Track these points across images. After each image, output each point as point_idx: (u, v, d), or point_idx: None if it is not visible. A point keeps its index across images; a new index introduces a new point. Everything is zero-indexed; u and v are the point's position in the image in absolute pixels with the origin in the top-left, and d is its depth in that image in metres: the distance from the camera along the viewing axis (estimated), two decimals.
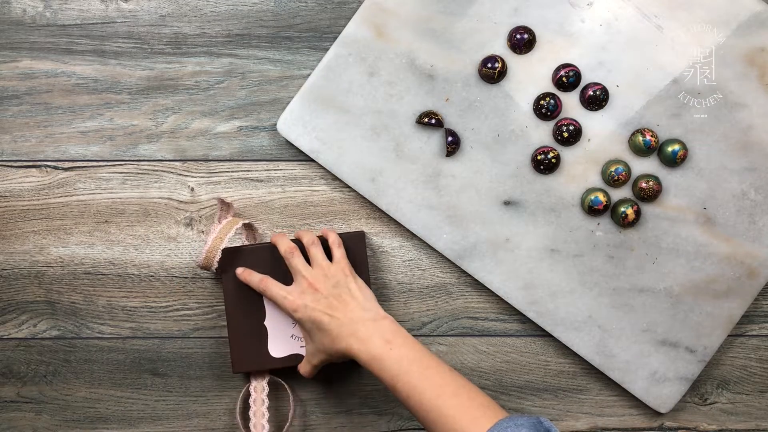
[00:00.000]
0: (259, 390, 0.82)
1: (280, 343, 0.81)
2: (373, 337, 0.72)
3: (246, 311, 0.80)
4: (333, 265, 0.77)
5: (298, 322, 0.77)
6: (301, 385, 0.86)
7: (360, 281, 0.78)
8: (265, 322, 0.81)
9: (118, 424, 0.86)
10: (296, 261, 0.77)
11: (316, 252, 0.78)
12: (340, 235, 0.81)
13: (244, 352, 0.80)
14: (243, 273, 0.80)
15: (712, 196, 0.81)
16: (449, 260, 0.84)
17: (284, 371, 0.83)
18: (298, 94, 0.82)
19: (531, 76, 0.81)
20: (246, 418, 0.83)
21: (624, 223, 0.81)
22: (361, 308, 0.75)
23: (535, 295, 0.83)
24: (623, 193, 0.82)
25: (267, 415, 0.81)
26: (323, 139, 0.82)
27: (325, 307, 0.75)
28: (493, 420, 0.65)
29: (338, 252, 0.78)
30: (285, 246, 0.78)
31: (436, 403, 0.68)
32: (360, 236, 0.81)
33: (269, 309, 0.81)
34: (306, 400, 0.86)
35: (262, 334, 0.81)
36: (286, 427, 0.84)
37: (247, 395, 0.83)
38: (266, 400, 0.82)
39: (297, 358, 0.81)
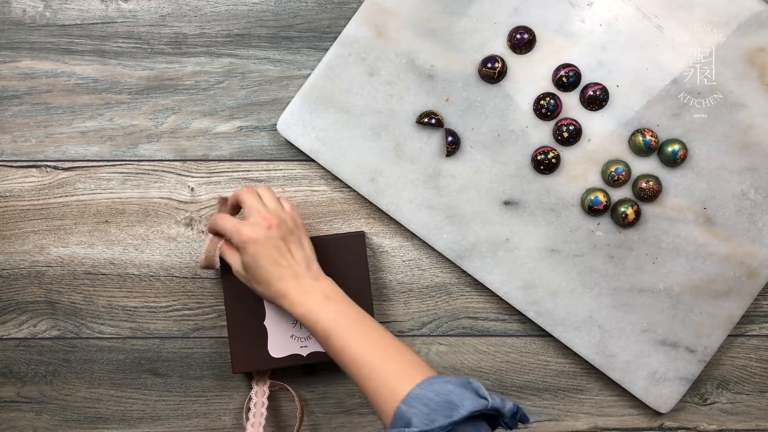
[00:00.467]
0: (260, 395, 0.82)
1: (280, 343, 0.81)
2: (314, 292, 0.72)
3: (246, 311, 0.80)
4: (287, 212, 0.76)
5: (244, 256, 0.74)
6: (301, 385, 0.86)
7: (308, 239, 0.77)
8: (265, 323, 0.81)
9: (118, 424, 0.86)
10: (251, 198, 0.75)
11: (270, 195, 0.77)
12: (340, 235, 0.81)
13: (244, 352, 0.80)
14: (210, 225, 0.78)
15: (712, 196, 0.81)
16: (449, 260, 0.84)
17: (286, 371, 0.83)
18: (298, 94, 0.82)
19: (531, 76, 0.81)
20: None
21: (624, 223, 0.81)
22: (306, 264, 0.74)
23: (535, 295, 0.83)
24: (623, 193, 0.82)
25: (263, 422, 0.81)
26: (323, 139, 0.82)
27: (274, 248, 0.73)
28: (423, 377, 0.65)
29: (287, 204, 0.77)
30: (241, 189, 0.77)
31: (368, 358, 0.68)
32: (360, 236, 0.81)
33: (269, 309, 0.81)
34: (306, 400, 0.86)
35: (262, 335, 0.81)
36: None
37: (250, 399, 0.83)
38: (266, 402, 0.82)
39: (297, 358, 0.81)
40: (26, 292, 0.85)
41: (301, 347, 0.81)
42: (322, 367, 0.86)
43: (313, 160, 0.83)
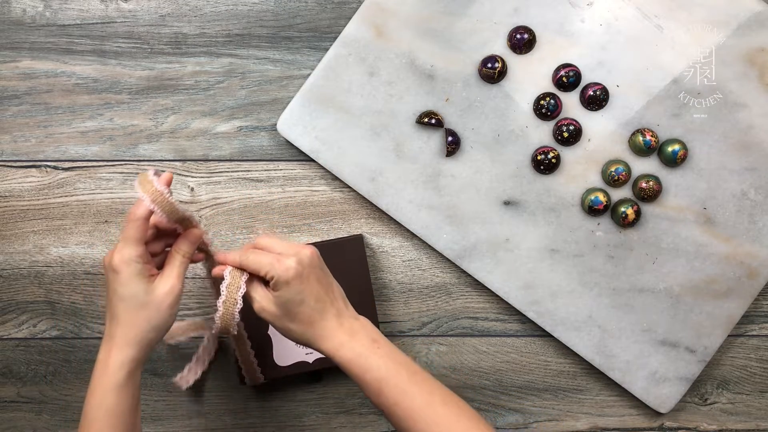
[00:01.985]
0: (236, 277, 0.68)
1: (285, 351, 0.81)
2: (359, 333, 0.66)
3: (249, 323, 0.80)
4: (309, 248, 0.67)
5: (285, 292, 0.64)
6: (301, 385, 0.86)
7: None
8: (269, 332, 0.81)
9: None
10: (269, 238, 0.67)
11: (280, 240, 0.68)
12: (338, 240, 0.81)
13: (251, 364, 0.80)
14: (221, 261, 0.68)
15: (712, 196, 0.81)
16: (449, 260, 0.84)
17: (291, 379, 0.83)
18: (298, 94, 0.82)
19: (531, 76, 0.81)
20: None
21: (624, 223, 0.81)
22: (344, 301, 0.68)
23: (535, 295, 0.83)
24: (623, 193, 0.82)
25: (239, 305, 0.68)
26: (323, 139, 0.82)
27: (317, 282, 0.66)
28: (480, 430, 0.64)
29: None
30: (235, 253, 0.66)
31: (427, 412, 0.64)
32: (358, 240, 0.81)
33: None
34: (306, 400, 0.86)
35: (267, 344, 0.81)
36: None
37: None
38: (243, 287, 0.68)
39: (303, 365, 0.81)
40: (26, 292, 0.85)
41: (307, 354, 0.81)
42: (327, 373, 0.85)
43: (313, 160, 0.83)
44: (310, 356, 0.81)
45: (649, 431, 0.87)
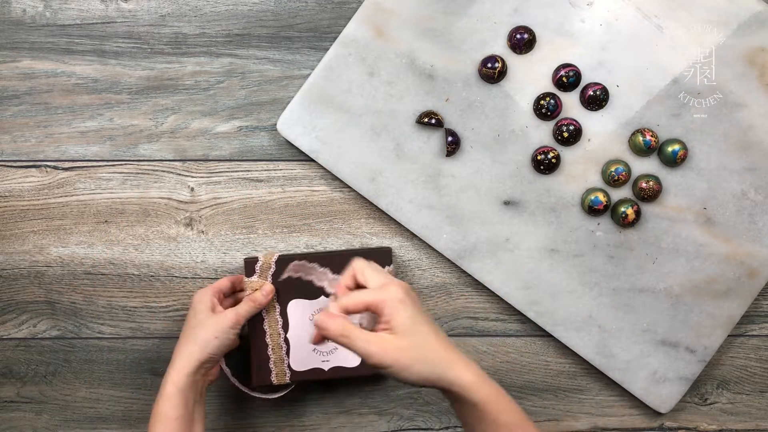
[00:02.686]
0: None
1: (302, 356, 0.81)
2: (476, 366, 0.61)
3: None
4: (400, 281, 0.64)
5: (399, 319, 0.59)
6: (301, 385, 0.86)
7: None
8: (288, 335, 0.81)
9: (118, 424, 0.86)
10: (362, 261, 0.65)
11: (375, 267, 0.65)
12: (366, 250, 0.82)
13: (264, 364, 0.80)
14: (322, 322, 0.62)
15: (712, 196, 0.81)
16: (449, 260, 0.84)
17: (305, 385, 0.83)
18: (298, 94, 0.82)
19: (531, 76, 0.81)
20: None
21: (624, 223, 0.81)
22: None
23: (535, 295, 0.83)
24: (623, 193, 0.82)
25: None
26: (323, 139, 0.82)
27: (421, 307, 0.62)
28: None
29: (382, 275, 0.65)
30: (336, 322, 0.61)
31: (525, 426, 0.62)
32: (387, 252, 0.81)
33: (293, 322, 0.80)
34: (306, 400, 0.86)
35: (284, 348, 0.81)
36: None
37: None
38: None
39: (318, 372, 0.81)
40: (26, 292, 0.85)
41: (323, 361, 0.81)
42: (340, 381, 0.86)
43: (313, 160, 0.83)
44: (326, 364, 0.81)
45: (649, 431, 0.87)
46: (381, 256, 0.81)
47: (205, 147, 0.84)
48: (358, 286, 0.64)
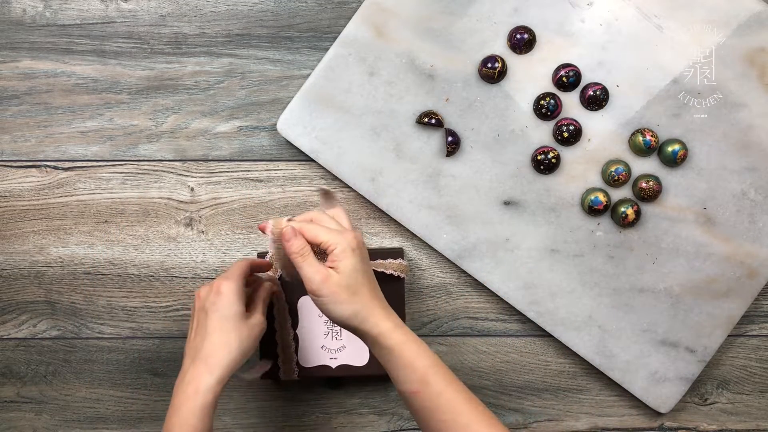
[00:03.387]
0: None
1: (310, 353, 0.81)
2: (397, 318, 0.66)
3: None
4: (356, 230, 0.69)
5: (350, 260, 0.65)
6: (302, 385, 0.86)
7: None
8: (297, 331, 0.81)
9: (118, 424, 0.86)
10: (319, 216, 0.68)
11: (342, 213, 0.70)
12: (380, 250, 0.81)
13: (272, 359, 0.80)
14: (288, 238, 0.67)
15: (712, 196, 0.81)
16: (449, 260, 0.84)
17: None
18: (298, 94, 0.82)
19: (531, 76, 0.81)
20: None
21: (624, 223, 0.81)
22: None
23: (535, 295, 0.83)
24: (623, 193, 0.82)
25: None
26: (323, 139, 0.82)
27: (367, 261, 0.68)
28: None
29: (347, 222, 0.70)
30: (297, 241, 0.66)
31: (471, 406, 0.64)
32: (398, 253, 0.81)
33: (303, 318, 0.81)
34: (306, 400, 0.86)
35: (293, 345, 0.81)
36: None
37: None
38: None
39: (325, 369, 0.81)
40: (26, 292, 0.85)
41: (331, 359, 0.81)
42: (346, 381, 0.85)
43: (313, 160, 0.83)
44: (334, 361, 0.81)
45: (649, 431, 0.87)
46: (393, 257, 0.81)
47: (205, 147, 0.84)
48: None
